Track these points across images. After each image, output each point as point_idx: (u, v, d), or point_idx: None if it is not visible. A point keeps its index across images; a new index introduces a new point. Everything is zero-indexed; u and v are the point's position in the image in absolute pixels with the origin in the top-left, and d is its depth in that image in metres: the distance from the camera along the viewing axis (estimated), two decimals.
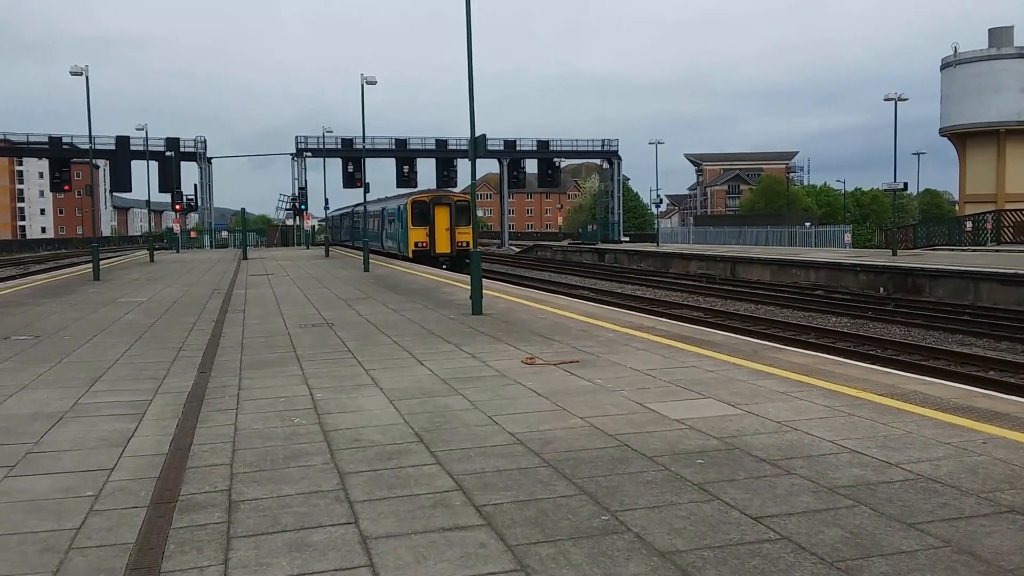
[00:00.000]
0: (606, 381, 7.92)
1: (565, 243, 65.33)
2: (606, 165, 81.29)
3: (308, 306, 16.68)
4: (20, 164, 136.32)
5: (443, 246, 33.29)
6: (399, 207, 35.66)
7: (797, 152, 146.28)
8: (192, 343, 11.51)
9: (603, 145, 78.48)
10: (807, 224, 51.68)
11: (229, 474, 5.27)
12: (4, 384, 8.48)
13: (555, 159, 75.28)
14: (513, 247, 74.65)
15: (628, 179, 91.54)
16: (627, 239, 66.97)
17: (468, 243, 34.40)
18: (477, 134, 14.40)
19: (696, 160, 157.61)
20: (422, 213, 32.26)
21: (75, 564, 3.90)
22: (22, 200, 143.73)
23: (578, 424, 6.28)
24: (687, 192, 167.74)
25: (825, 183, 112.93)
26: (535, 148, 75.73)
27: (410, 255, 33.83)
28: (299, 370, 9.12)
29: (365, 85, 28.35)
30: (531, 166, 79.04)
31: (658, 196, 54.03)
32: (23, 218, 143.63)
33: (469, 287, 20.16)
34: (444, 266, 29.40)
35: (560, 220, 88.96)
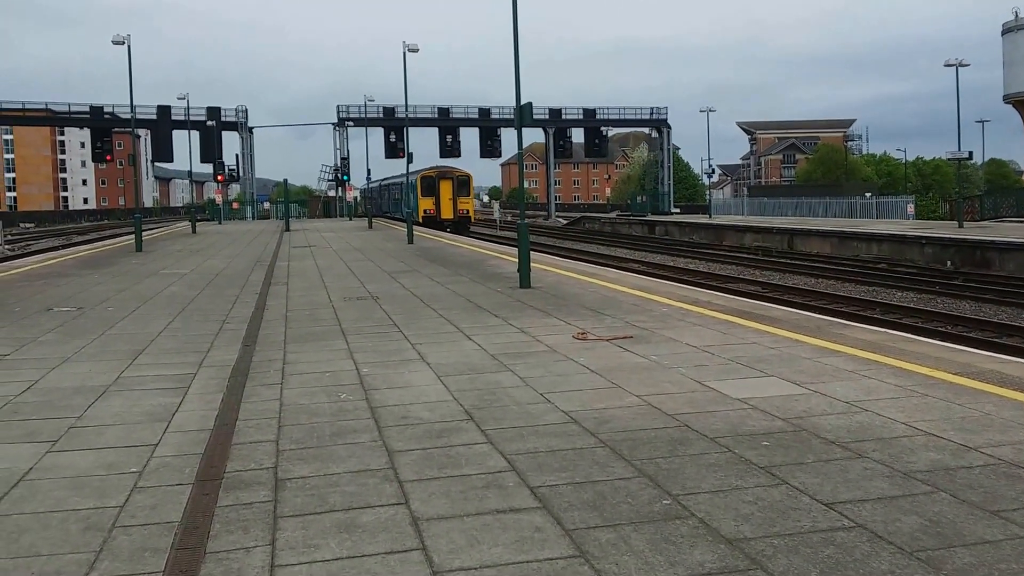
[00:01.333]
0: (662, 357, 7.77)
1: (613, 215, 64.76)
2: (655, 134, 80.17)
3: (352, 279, 16.75)
4: (62, 134, 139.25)
5: (447, 213, 40.00)
6: (412, 181, 41.84)
7: (855, 120, 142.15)
8: (236, 316, 11.61)
9: (652, 113, 77.32)
10: (867, 195, 50.42)
11: (275, 451, 5.26)
12: (47, 357, 8.62)
13: (602, 128, 74.43)
14: (559, 219, 74.29)
15: (678, 148, 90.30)
16: (677, 210, 66.13)
17: (468, 211, 43.59)
18: (522, 103, 14.19)
19: (749, 128, 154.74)
20: (430, 186, 38.80)
21: (119, 543, 3.91)
22: (64, 171, 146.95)
23: (635, 403, 6.15)
24: (740, 162, 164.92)
25: (885, 152, 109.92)
26: (581, 117, 74.95)
27: (420, 220, 40.38)
28: (344, 344, 9.13)
29: (407, 53, 28.23)
30: (577, 135, 78.40)
31: (710, 166, 53.12)
32: (65, 189, 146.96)
33: (516, 260, 20.07)
34: (448, 229, 34.28)
35: (608, 191, 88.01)
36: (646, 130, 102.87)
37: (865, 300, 18.18)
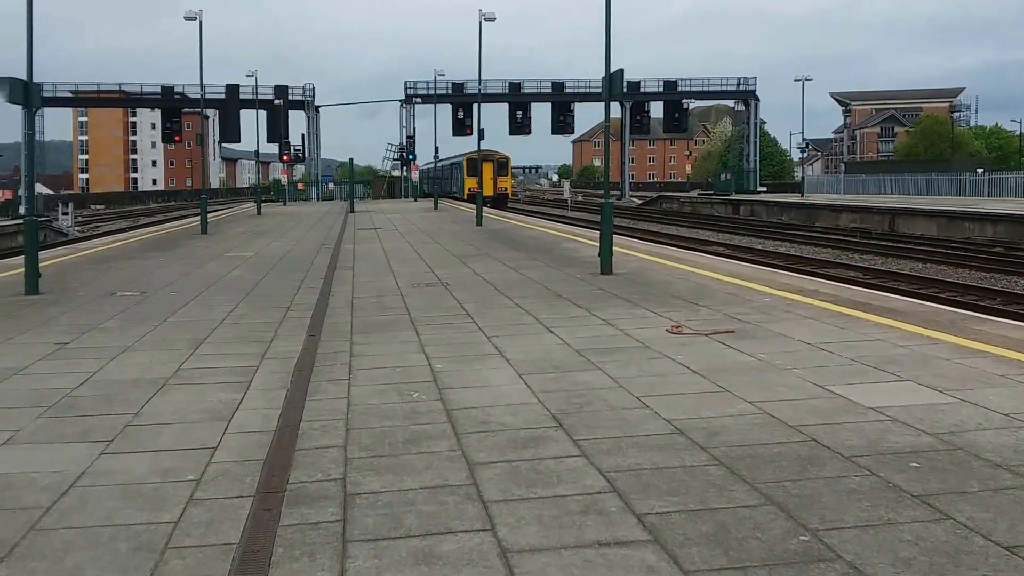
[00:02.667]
0: (772, 356, 7.15)
1: (694, 194, 63.32)
2: (740, 107, 78.08)
3: (420, 263, 16.45)
4: (134, 116, 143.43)
5: (488, 191, 46.49)
6: (459, 163, 52.37)
7: (963, 89, 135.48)
8: (300, 302, 11.38)
9: (739, 84, 75.14)
10: (979, 170, 47.98)
11: (343, 459, 4.88)
12: (107, 346, 8.48)
13: (684, 101, 72.70)
14: (634, 198, 73.15)
15: (763, 123, 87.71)
16: (763, 189, 64.27)
17: (506, 189, 56.09)
18: (612, 71, 13.55)
19: (843, 100, 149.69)
20: (473, 167, 44.18)
21: (171, 568, 3.57)
22: (135, 152, 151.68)
23: (748, 410, 5.58)
24: (831, 136, 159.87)
25: (997, 124, 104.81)
26: (661, 90, 73.38)
27: (465, 197, 49.95)
28: (414, 335, 8.76)
29: (483, 22, 27.71)
30: (655, 110, 76.85)
31: (804, 140, 51.35)
32: (135, 170, 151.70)
33: (593, 243, 19.52)
34: (488, 204, 40.20)
35: (689, 168, 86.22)
36: (729, 103, 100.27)
37: (984, 288, 17.03)
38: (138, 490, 4.50)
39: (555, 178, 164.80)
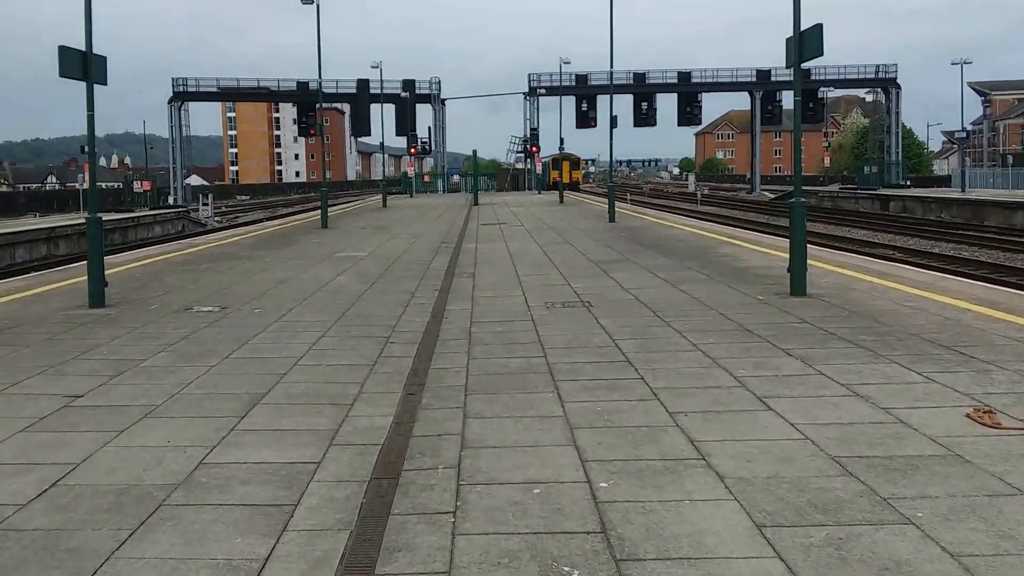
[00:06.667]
0: None
1: (834, 188, 57.62)
2: (876, 97, 71.39)
3: (551, 270, 13.35)
4: (277, 111, 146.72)
5: (565, 179, 52.60)
6: (547, 162, 65.73)
7: None
8: (405, 327, 8.49)
9: (877, 71, 68.49)
10: None
11: None
12: (128, 405, 5.75)
13: (820, 90, 66.55)
14: (765, 192, 67.84)
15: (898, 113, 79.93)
16: (907, 183, 57.91)
17: (578, 179, 72.43)
18: (805, 28, 9.95)
19: (982, 90, 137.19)
20: (556, 164, 59.20)
21: None
22: (279, 145, 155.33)
23: None
24: (970, 127, 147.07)
25: None
26: (792, 79, 67.50)
27: (549, 184, 60.65)
28: (557, 404, 5.65)
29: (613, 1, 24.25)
30: (787, 100, 70.95)
31: (963, 130, 45.23)
32: (279, 163, 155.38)
33: (754, 247, 15.91)
34: (565, 188, 46.19)
35: (827, 161, 79.83)
36: (861, 92, 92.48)
37: None
38: None
39: (676, 171, 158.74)
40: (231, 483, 4.28)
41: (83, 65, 9.51)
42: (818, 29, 9.62)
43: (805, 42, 9.85)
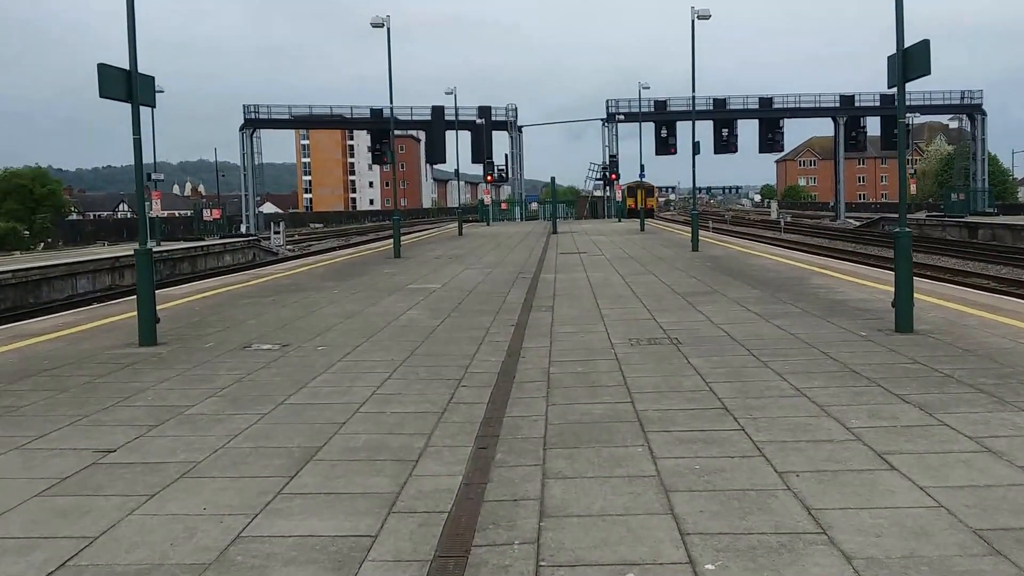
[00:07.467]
0: None
1: (920, 215, 55.10)
2: (960, 124, 68.49)
3: (634, 302, 12.59)
4: (351, 139, 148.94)
5: (640, 206, 52.85)
6: (626, 189, 63.92)
7: None
8: (478, 368, 7.87)
9: (962, 97, 65.96)
10: None
11: None
12: (162, 463, 5.23)
13: (906, 115, 64.09)
14: (850, 219, 65.40)
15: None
16: (995, 211, 54.99)
17: (652, 206, 69.42)
18: (908, 45, 9.04)
19: None
20: (631, 192, 61.14)
21: None
22: (352, 173, 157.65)
23: None
24: None
25: None
26: (877, 104, 65.31)
27: (626, 213, 59.35)
28: (649, 461, 4.93)
29: (696, 20, 23.45)
30: (872, 127, 68.71)
31: None
32: (354, 190, 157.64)
33: (848, 278, 14.86)
34: (639, 215, 44.61)
35: (914, 188, 76.79)
36: (943, 119, 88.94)
37: None
38: None
39: (757, 198, 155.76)
40: (271, 563, 3.69)
41: (127, 85, 9.17)
42: (924, 45, 8.75)
43: (910, 60, 8.97)
